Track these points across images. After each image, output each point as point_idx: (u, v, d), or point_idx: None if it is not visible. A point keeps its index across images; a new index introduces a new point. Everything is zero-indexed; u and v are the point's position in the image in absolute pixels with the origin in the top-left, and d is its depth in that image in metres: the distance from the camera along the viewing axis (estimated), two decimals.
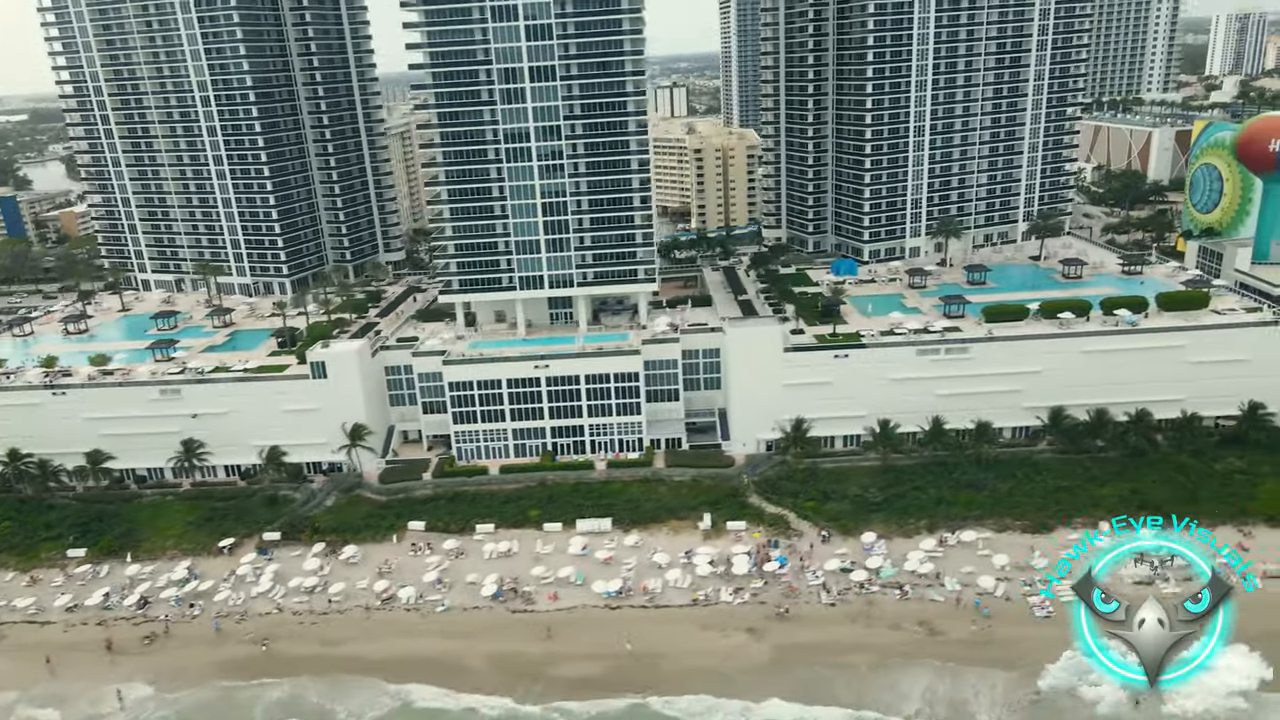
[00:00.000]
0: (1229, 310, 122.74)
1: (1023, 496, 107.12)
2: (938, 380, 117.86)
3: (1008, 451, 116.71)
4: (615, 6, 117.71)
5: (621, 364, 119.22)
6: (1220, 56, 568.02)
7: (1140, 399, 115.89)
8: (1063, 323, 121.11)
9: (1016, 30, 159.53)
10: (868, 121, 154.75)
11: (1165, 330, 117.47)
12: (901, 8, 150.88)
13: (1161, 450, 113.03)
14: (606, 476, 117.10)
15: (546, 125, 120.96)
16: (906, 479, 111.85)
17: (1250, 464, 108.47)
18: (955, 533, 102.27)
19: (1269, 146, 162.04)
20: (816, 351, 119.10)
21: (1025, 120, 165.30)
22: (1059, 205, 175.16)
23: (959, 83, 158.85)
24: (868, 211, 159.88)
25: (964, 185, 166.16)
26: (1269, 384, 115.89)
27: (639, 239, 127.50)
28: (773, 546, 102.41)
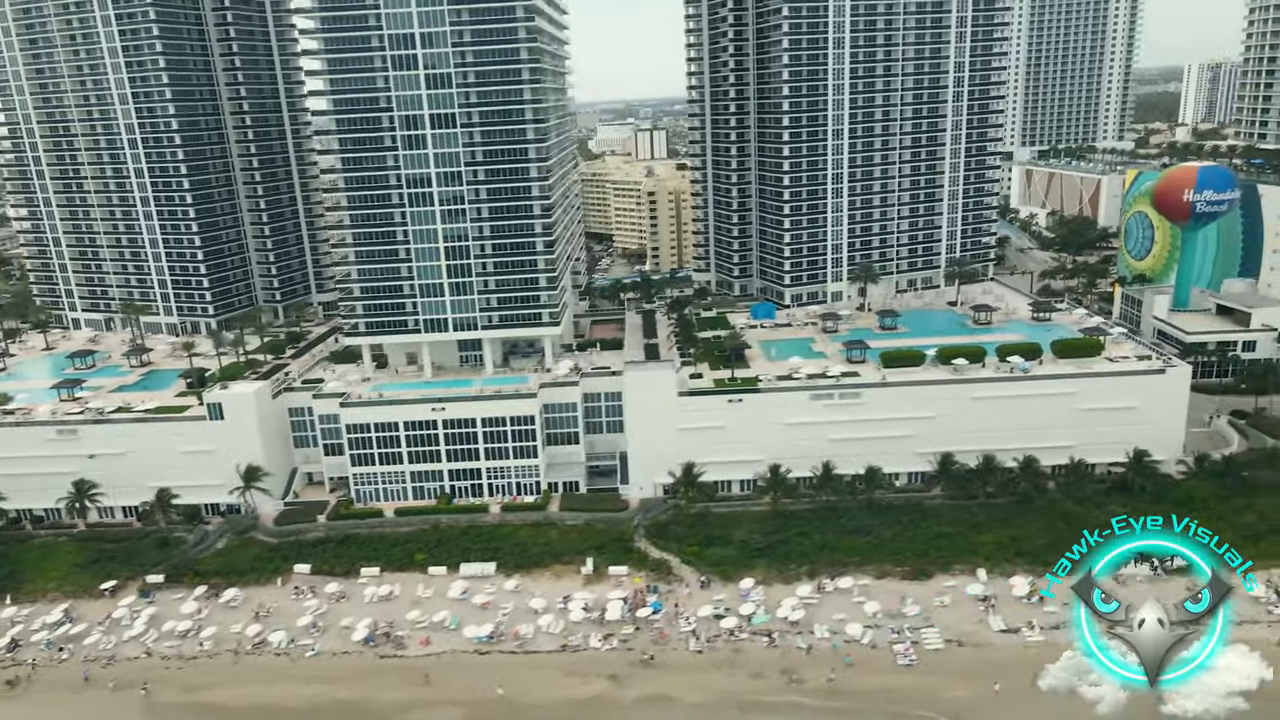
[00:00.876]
0: (1122, 358, 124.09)
1: (905, 543, 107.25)
2: (832, 425, 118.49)
3: (900, 497, 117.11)
4: (515, 58, 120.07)
5: (517, 407, 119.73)
6: (1193, 105, 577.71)
7: (1032, 445, 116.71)
8: (956, 369, 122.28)
9: (933, 81, 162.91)
10: (785, 169, 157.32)
11: (1053, 377, 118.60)
12: (817, 59, 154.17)
13: (1049, 497, 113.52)
14: (499, 520, 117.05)
15: (448, 171, 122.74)
16: (795, 524, 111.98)
17: (1132, 511, 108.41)
18: (834, 579, 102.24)
19: (1183, 196, 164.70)
20: (711, 396, 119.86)
21: (944, 169, 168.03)
22: (981, 251, 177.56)
23: (877, 131, 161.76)
24: (788, 257, 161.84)
25: (885, 231, 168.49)
26: (1156, 431, 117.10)
27: (542, 283, 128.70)
28: (651, 592, 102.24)
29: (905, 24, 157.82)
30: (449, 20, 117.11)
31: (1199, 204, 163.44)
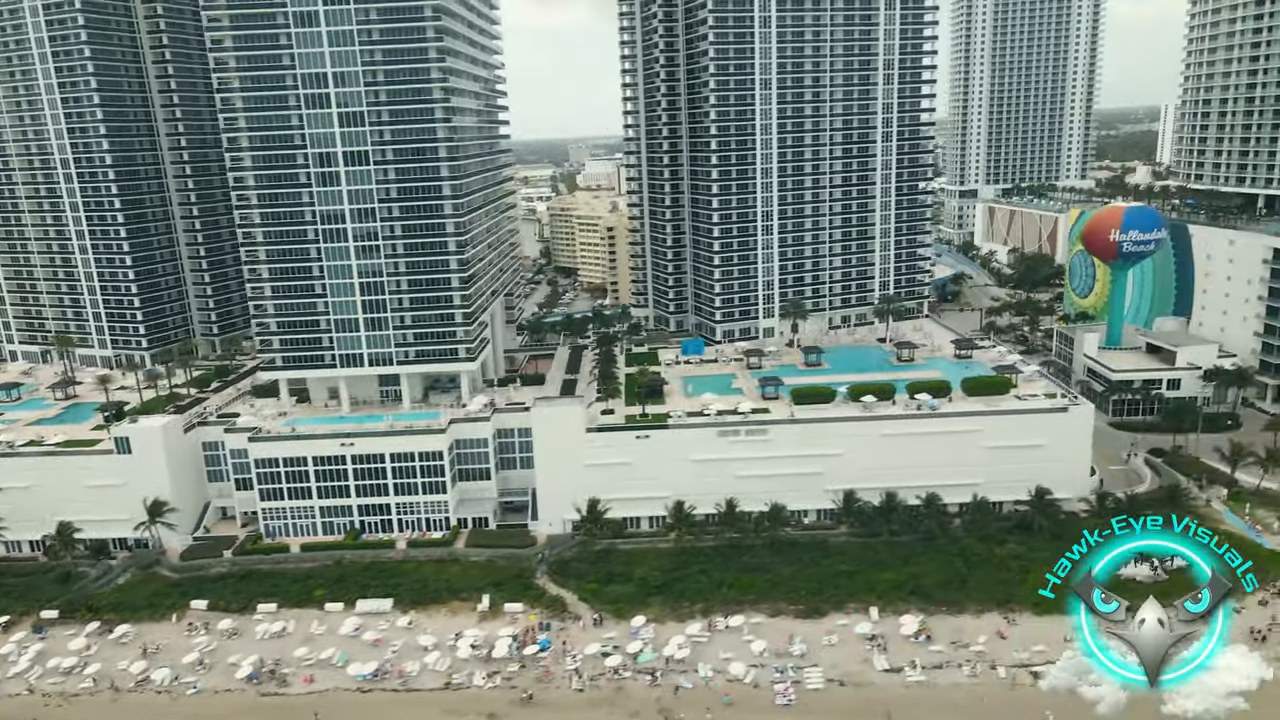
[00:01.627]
0: (1030, 396, 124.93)
1: (804, 581, 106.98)
2: (739, 462, 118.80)
3: (806, 534, 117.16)
4: (428, 97, 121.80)
5: (425, 443, 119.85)
6: (1170, 144, 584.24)
7: (940, 483, 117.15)
8: (866, 406, 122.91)
9: (862, 122, 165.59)
10: (715, 206, 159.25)
11: (956, 414, 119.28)
12: (744, 100, 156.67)
13: (952, 535, 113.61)
14: (404, 556, 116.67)
15: (362, 208, 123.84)
16: (697, 561, 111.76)
17: (1030, 549, 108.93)
18: (727, 617, 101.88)
19: (1109, 236, 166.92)
20: (618, 432, 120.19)
21: (875, 207, 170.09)
22: (915, 289, 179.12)
23: (807, 170, 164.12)
24: (718, 294, 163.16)
25: (818, 269, 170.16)
26: (1062, 469, 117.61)
27: (458, 318, 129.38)
28: (543, 629, 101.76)
29: (833, 65, 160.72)
30: (361, 60, 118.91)
31: (1125, 244, 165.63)
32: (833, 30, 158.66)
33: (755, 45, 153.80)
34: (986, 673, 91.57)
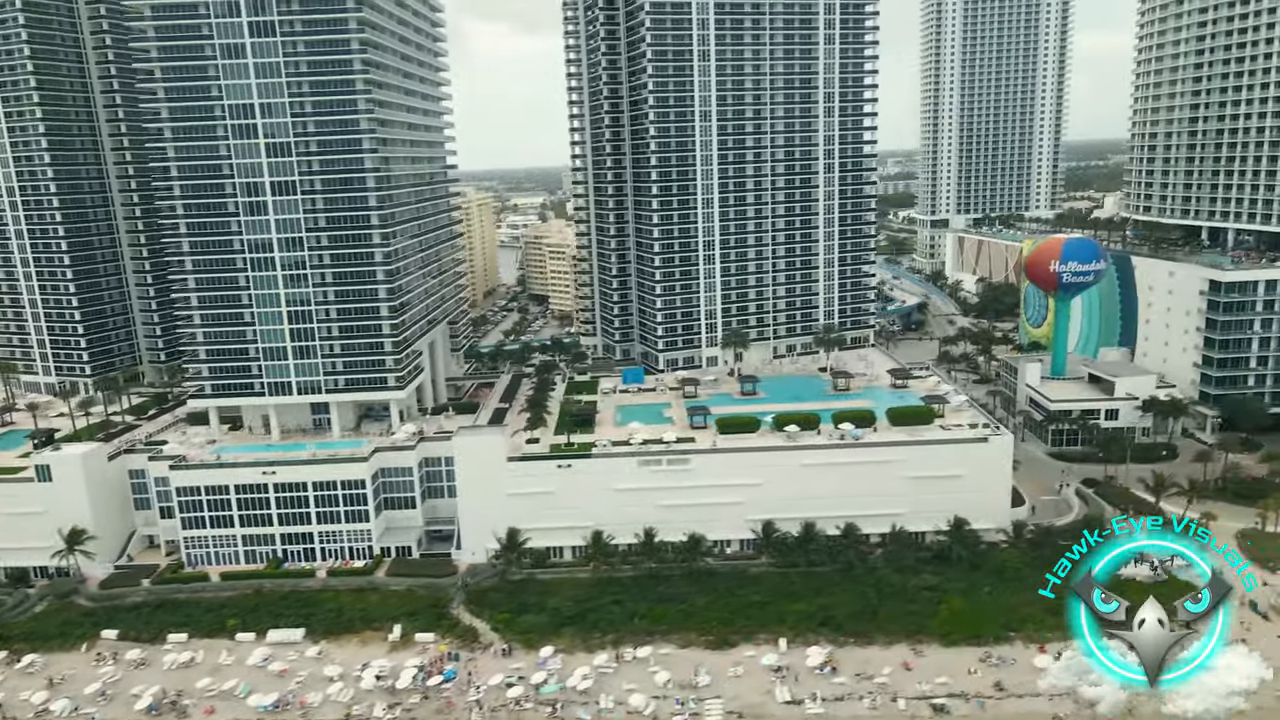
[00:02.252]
0: (955, 426, 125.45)
1: (716, 612, 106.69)
2: (661, 491, 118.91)
3: (727, 564, 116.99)
4: (355, 128, 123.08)
5: (347, 471, 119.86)
6: None
7: (862, 512, 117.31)
8: (789, 435, 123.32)
9: (804, 154, 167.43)
10: (656, 236, 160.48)
11: (876, 444, 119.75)
12: (685, 131, 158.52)
13: (870, 565, 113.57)
14: (323, 585, 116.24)
15: (290, 237, 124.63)
16: (613, 591, 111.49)
17: (944, 581, 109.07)
18: (637, 648, 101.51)
19: (1050, 267, 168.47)
20: (540, 461, 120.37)
21: (819, 237, 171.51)
22: (861, 318, 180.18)
23: (749, 201, 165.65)
24: (661, 323, 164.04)
25: (761, 298, 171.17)
26: (982, 499, 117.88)
27: (388, 347, 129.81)
28: (451, 659, 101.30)
29: (773, 98, 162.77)
30: (288, 92, 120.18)
31: (1064, 275, 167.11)
32: (772, 64, 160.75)
33: (694, 78, 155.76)
34: (887, 705, 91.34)
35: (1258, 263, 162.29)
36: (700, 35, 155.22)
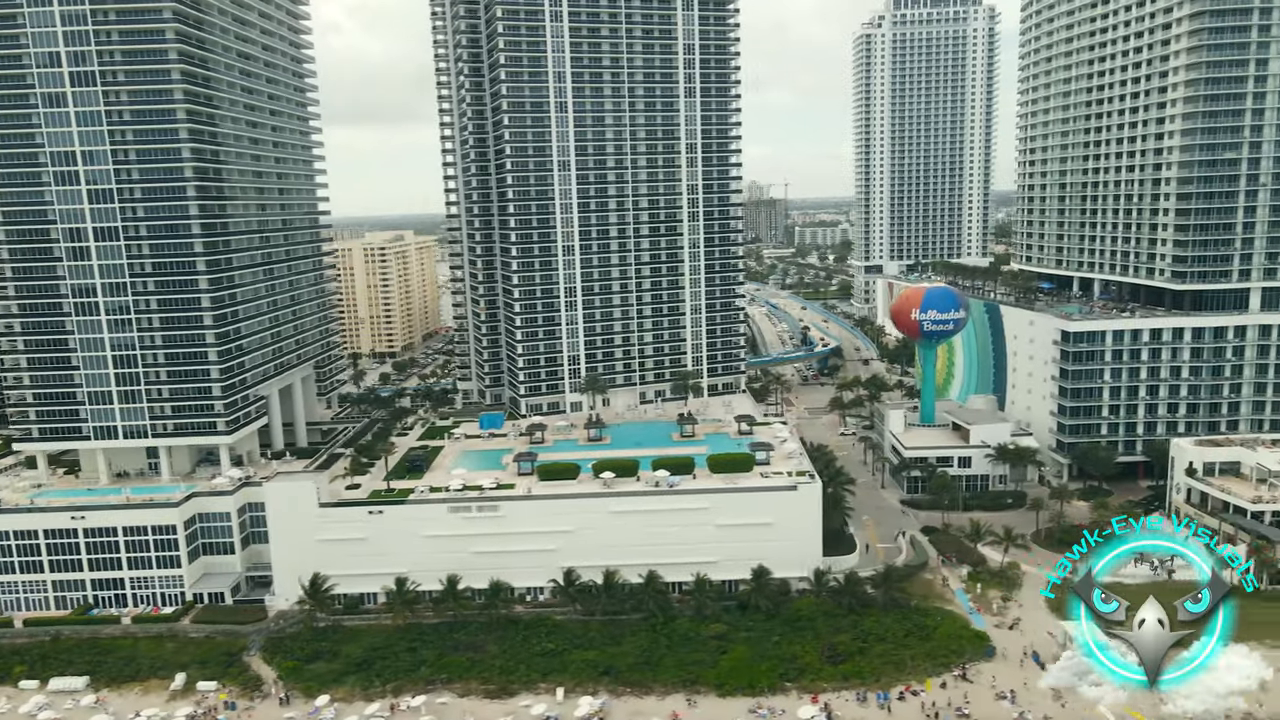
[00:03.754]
0: (775, 474, 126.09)
1: (506, 660, 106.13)
2: (472, 538, 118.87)
3: (532, 612, 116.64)
4: (179, 176, 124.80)
5: (157, 517, 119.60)
6: None
7: (674, 560, 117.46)
8: (605, 483, 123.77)
9: (669, 202, 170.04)
10: (515, 282, 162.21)
11: (683, 492, 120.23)
12: (544, 179, 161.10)
13: (672, 613, 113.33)
14: (124, 632, 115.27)
15: (114, 282, 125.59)
16: (410, 639, 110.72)
17: (735, 630, 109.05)
18: (415, 697, 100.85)
19: (911, 315, 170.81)
20: (350, 508, 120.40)
21: (685, 284, 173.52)
22: (732, 364, 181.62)
23: (613, 248, 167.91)
24: (522, 368, 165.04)
25: (628, 344, 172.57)
26: (793, 547, 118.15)
27: (216, 392, 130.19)
28: (228, 708, 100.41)
29: (634, 149, 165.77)
30: (110, 140, 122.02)
31: (925, 323, 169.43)
32: (633, 115, 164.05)
33: (553, 128, 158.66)
34: None
35: (1109, 313, 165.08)
36: (557, 88, 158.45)
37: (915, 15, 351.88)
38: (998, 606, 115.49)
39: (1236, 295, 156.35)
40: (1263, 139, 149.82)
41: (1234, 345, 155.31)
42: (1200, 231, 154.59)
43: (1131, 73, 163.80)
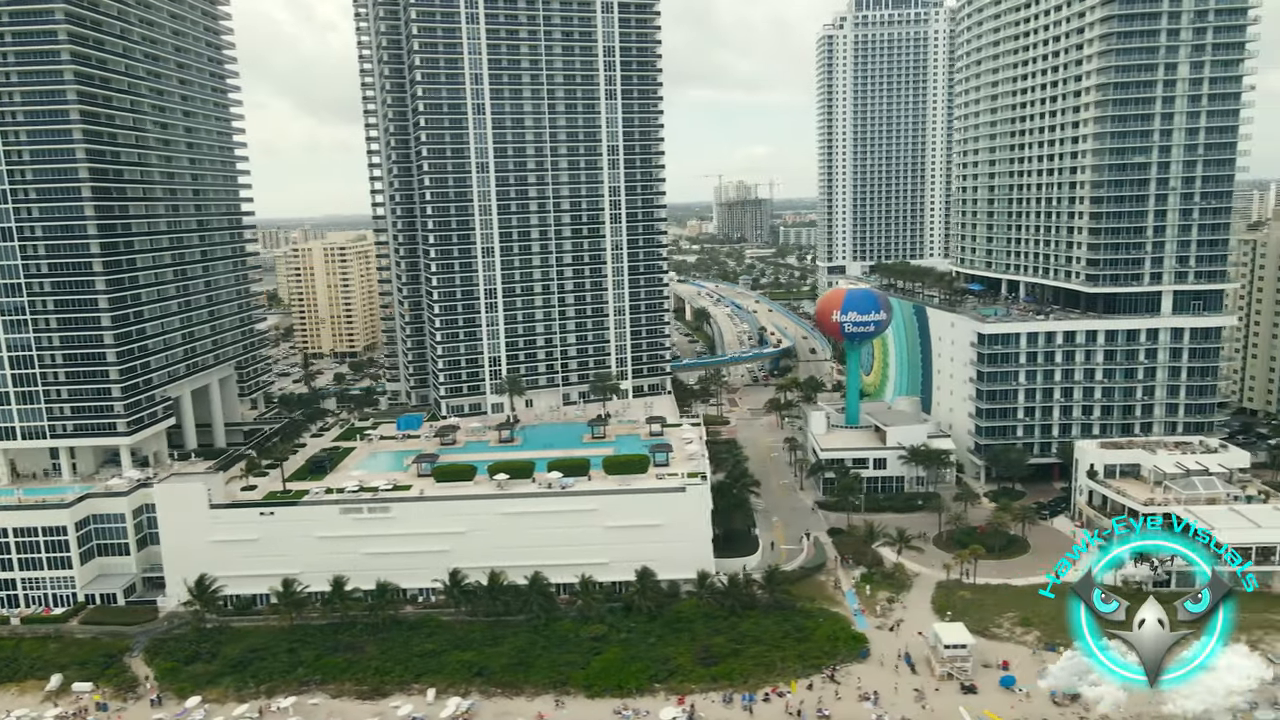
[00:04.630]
0: (670, 475, 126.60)
1: (384, 661, 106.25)
2: (365, 539, 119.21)
3: (422, 613, 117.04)
4: (73, 176, 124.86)
5: (47, 518, 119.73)
6: None
7: (565, 561, 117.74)
8: (500, 484, 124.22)
9: (591, 205, 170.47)
10: (434, 284, 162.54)
11: (571, 494, 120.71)
12: (463, 181, 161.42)
13: (557, 614, 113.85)
14: (10, 632, 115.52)
15: (7, 283, 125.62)
16: (293, 640, 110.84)
17: (613, 630, 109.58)
18: (287, 698, 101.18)
19: (832, 317, 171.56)
20: (242, 509, 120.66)
21: (608, 287, 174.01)
22: (658, 365, 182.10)
23: (535, 250, 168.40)
24: (442, 369, 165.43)
25: (550, 345, 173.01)
26: (683, 549, 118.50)
27: (115, 392, 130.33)
28: (100, 709, 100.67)
29: (555, 151, 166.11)
30: (1, 140, 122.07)
31: (845, 325, 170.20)
32: (553, 118, 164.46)
33: (470, 130, 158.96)
34: None
35: (1026, 315, 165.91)
36: (474, 90, 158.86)
37: (876, 17, 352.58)
38: (882, 608, 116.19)
39: (1149, 298, 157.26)
40: (1172, 143, 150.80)
41: (1146, 348, 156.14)
42: (1112, 235, 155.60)
43: (1050, 76, 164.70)
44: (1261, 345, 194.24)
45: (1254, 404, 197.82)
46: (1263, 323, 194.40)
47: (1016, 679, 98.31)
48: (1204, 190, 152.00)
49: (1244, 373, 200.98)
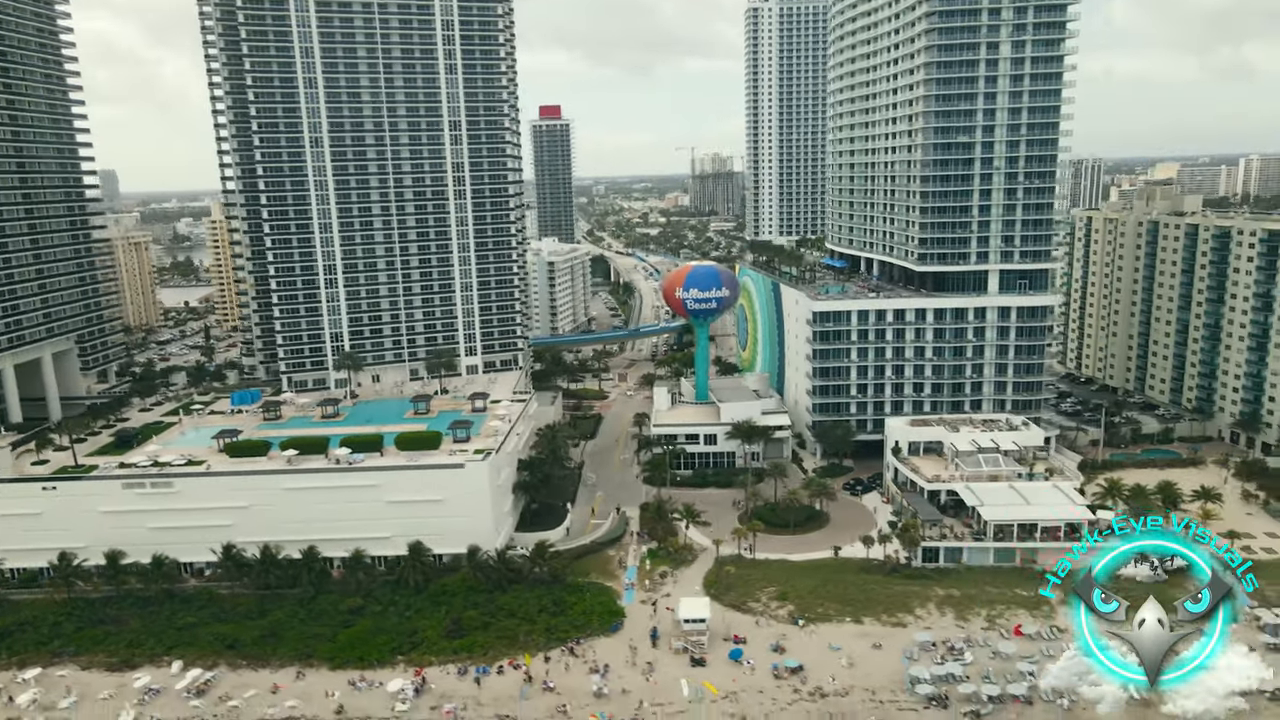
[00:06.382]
0: (461, 451, 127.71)
1: (144, 633, 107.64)
2: (148, 514, 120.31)
3: (201, 586, 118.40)
4: None
5: None
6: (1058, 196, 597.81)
7: (346, 536, 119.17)
8: (289, 460, 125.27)
9: (435, 180, 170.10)
10: (270, 259, 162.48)
11: (346, 470, 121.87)
12: (297, 155, 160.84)
13: (329, 588, 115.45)
14: None
15: None
16: (61, 613, 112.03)
17: (373, 603, 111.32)
18: (36, 670, 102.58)
19: (675, 293, 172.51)
20: (22, 484, 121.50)
21: (455, 263, 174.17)
22: (510, 341, 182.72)
23: (377, 225, 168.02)
24: (281, 344, 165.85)
25: (397, 321, 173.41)
26: (466, 523, 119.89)
27: None
28: None
29: (395, 124, 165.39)
30: None
31: (688, 301, 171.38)
32: (390, 92, 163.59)
33: (303, 104, 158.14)
34: None
35: (864, 293, 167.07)
36: (305, 63, 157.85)
37: None
38: (653, 583, 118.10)
39: (976, 277, 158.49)
40: (995, 123, 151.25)
41: (974, 326, 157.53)
42: (938, 214, 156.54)
43: (891, 55, 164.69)
44: (1121, 324, 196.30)
45: (1114, 382, 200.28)
46: (1122, 303, 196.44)
47: (744, 652, 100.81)
48: (1028, 170, 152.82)
49: (1107, 352, 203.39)
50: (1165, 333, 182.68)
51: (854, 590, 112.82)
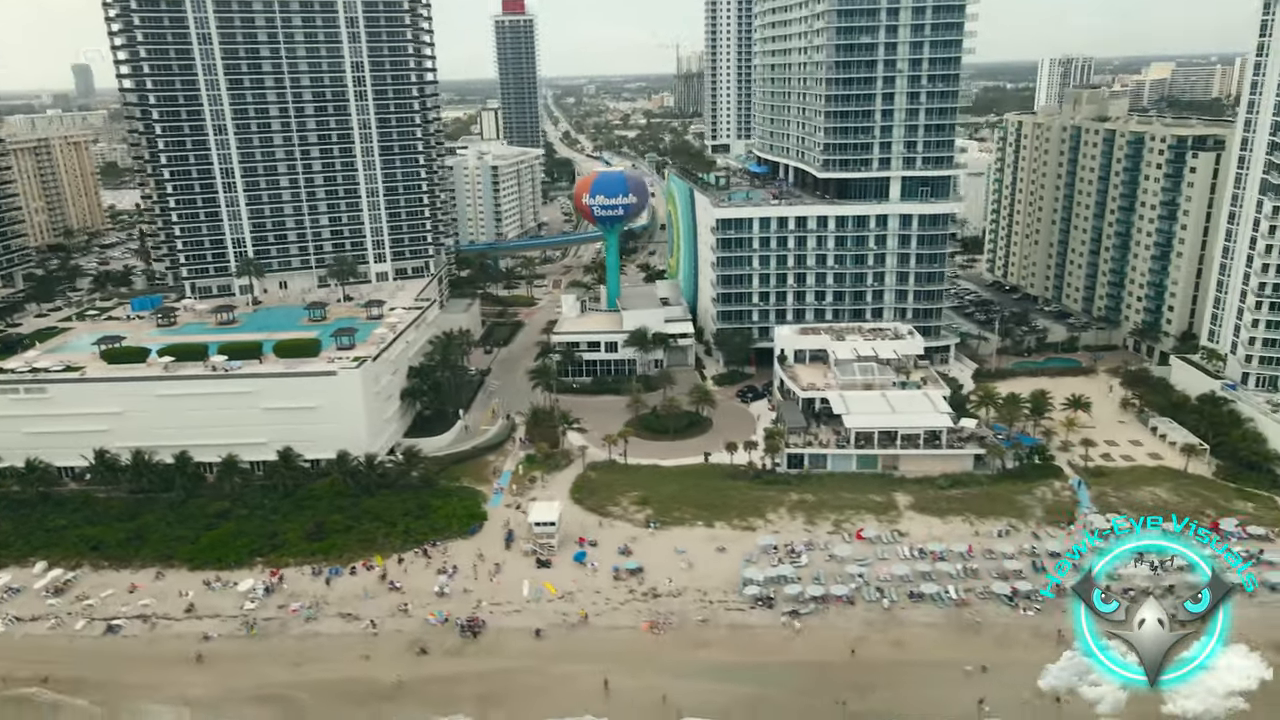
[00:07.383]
0: (341, 359, 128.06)
1: (15, 535, 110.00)
2: (22, 419, 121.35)
3: (79, 491, 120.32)
4: None
5: None
6: (1045, 98, 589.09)
7: (222, 441, 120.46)
8: (166, 367, 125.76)
9: (334, 80, 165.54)
10: (163, 163, 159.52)
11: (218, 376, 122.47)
12: (185, 54, 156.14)
13: (200, 492, 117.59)
14: None
15: None
16: None
17: (239, 507, 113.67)
18: None
19: (582, 200, 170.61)
20: None
21: (359, 167, 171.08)
22: (419, 248, 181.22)
23: (275, 128, 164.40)
24: (181, 250, 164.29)
25: (301, 228, 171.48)
26: (336, 429, 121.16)
27: None
28: None
29: (289, 21, 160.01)
30: None
31: (595, 208, 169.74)
32: None
33: None
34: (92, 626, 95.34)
35: (768, 199, 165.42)
36: None
37: None
38: (521, 488, 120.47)
39: (878, 184, 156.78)
40: (899, 23, 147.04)
41: (875, 234, 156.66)
42: (841, 119, 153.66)
43: None
44: (1044, 232, 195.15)
45: (1035, 290, 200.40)
46: (1044, 211, 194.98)
47: (588, 555, 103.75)
48: (930, 74, 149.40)
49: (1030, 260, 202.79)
50: (1082, 241, 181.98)
51: (713, 495, 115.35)
